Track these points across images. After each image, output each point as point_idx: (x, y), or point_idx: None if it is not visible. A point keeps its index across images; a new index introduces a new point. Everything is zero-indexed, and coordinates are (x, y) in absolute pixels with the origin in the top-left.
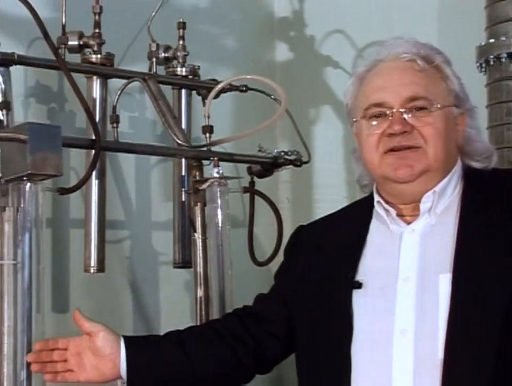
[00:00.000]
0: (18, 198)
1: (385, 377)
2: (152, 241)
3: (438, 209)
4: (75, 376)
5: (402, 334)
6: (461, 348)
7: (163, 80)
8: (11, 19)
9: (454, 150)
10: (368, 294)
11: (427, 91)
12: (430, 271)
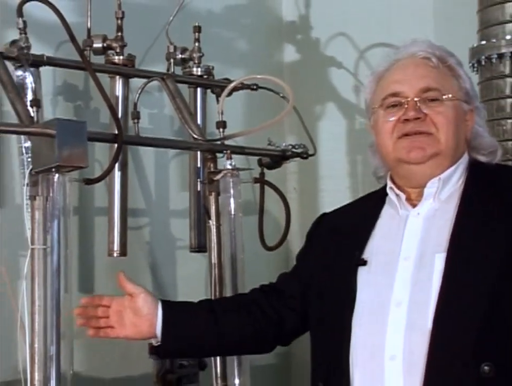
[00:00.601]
0: (47, 188)
1: (379, 344)
2: (170, 227)
3: (442, 195)
4: (115, 332)
5: (397, 306)
6: (448, 318)
7: (180, 79)
8: (41, 24)
9: (462, 142)
10: (371, 270)
11: (439, 84)
12: (428, 251)
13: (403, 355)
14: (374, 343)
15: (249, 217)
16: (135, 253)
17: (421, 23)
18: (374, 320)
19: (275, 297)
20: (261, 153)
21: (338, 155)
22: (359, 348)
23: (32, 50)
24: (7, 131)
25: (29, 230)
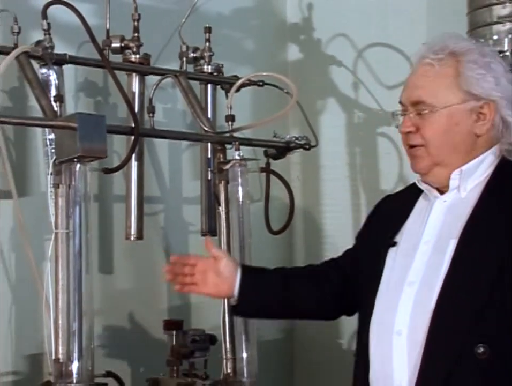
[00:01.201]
0: (69, 176)
1: (390, 320)
2: (183, 213)
3: (467, 186)
4: (198, 289)
5: (409, 286)
6: (449, 300)
7: (191, 76)
8: (64, 25)
9: (472, 142)
10: (398, 251)
11: (429, 95)
12: (445, 236)
13: (408, 331)
14: (386, 319)
15: (255, 204)
16: (151, 237)
17: (415, 24)
18: (390, 298)
19: (339, 271)
20: (267, 144)
21: (338, 147)
22: (375, 323)
23: (56, 50)
24: (32, 124)
25: (53, 216)
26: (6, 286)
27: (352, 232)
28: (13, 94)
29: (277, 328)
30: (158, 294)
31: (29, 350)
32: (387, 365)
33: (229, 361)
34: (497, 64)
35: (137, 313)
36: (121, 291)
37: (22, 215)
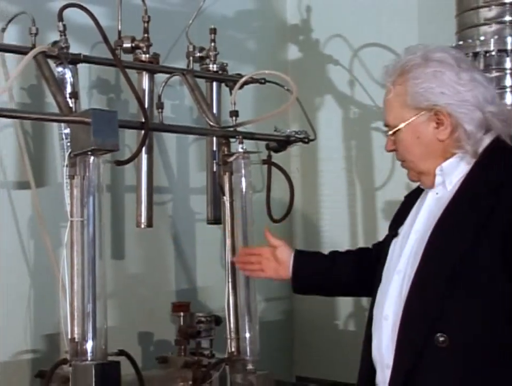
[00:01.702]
0: (84, 168)
1: (382, 305)
2: (190, 203)
3: (452, 180)
4: (263, 274)
5: (397, 274)
6: (416, 290)
7: (198, 74)
8: (78, 27)
9: (439, 147)
10: (397, 241)
11: (391, 119)
12: (429, 226)
13: (392, 316)
14: (380, 305)
15: (258, 194)
16: (160, 225)
17: (407, 26)
18: (384, 286)
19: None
20: (268, 138)
21: (335, 140)
22: (374, 308)
23: (71, 50)
24: (49, 119)
25: (69, 205)
26: (25, 271)
27: (348, 220)
28: (31, 91)
29: (277, 310)
30: (167, 278)
31: (47, 330)
32: (380, 347)
33: (233, 341)
34: (444, 70)
35: (147, 296)
36: (132, 276)
37: (40, 204)
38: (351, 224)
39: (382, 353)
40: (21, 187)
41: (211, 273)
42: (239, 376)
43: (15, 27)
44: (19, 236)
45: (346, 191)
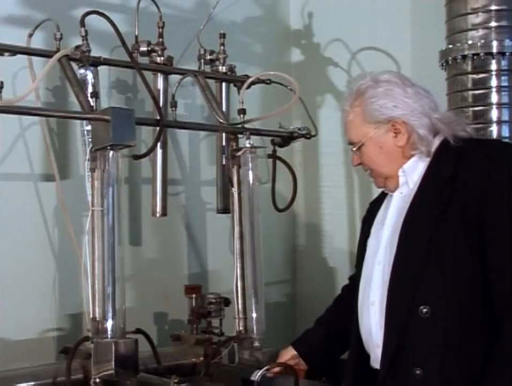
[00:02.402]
0: (104, 162)
1: (367, 293)
2: (201, 194)
3: (413, 179)
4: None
5: (378, 264)
6: (396, 274)
7: (208, 75)
8: (99, 32)
9: (398, 152)
10: (371, 237)
11: (354, 136)
12: (400, 220)
13: (379, 302)
14: (365, 294)
15: (263, 186)
16: (173, 214)
17: (401, 31)
18: (366, 276)
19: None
20: (273, 134)
21: (335, 136)
22: (359, 296)
23: (92, 53)
24: (72, 117)
25: (90, 196)
26: (50, 256)
27: (347, 210)
28: (55, 92)
29: (281, 293)
30: (180, 262)
31: (70, 310)
32: (368, 329)
33: (241, 320)
34: (393, 88)
35: (162, 279)
36: (148, 261)
37: (63, 195)
38: (349, 213)
39: (371, 334)
40: (46, 180)
41: (220, 258)
42: (246, 352)
43: (41, 33)
44: (45, 225)
45: (345, 182)
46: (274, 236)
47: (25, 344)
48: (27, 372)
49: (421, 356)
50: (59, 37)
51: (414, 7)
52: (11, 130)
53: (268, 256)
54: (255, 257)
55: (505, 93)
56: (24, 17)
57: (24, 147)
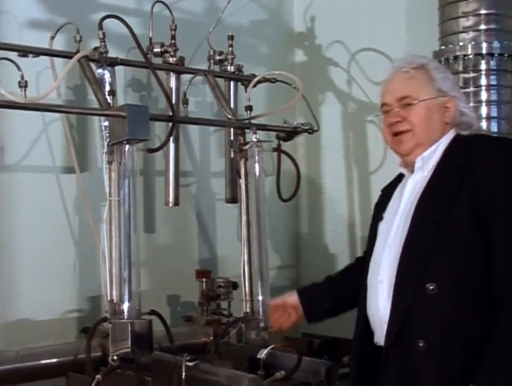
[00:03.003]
0: (120, 155)
1: (377, 272)
2: (211, 185)
3: (427, 167)
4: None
5: (388, 247)
6: (406, 255)
7: (218, 75)
8: (116, 35)
9: (438, 128)
10: (383, 222)
11: (412, 92)
12: (411, 206)
13: (387, 280)
14: (374, 272)
15: (269, 177)
16: (185, 204)
17: (397, 33)
18: (376, 258)
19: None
20: (278, 129)
21: (335, 131)
22: (368, 275)
23: (109, 54)
24: (91, 113)
25: (107, 187)
26: (71, 243)
27: (346, 200)
28: (75, 90)
29: (285, 277)
30: (191, 248)
31: (90, 293)
32: (375, 305)
33: (248, 303)
34: (449, 73)
35: (174, 264)
36: (162, 247)
37: (83, 186)
38: (348, 203)
39: (379, 311)
40: (67, 172)
41: (229, 244)
42: (253, 332)
43: (62, 36)
44: (66, 214)
45: (345, 174)
46: (279, 224)
47: (48, 324)
48: (50, 349)
49: (425, 330)
50: (79, 39)
51: (410, 11)
52: (35, 126)
53: (273, 243)
54: (261, 243)
55: (494, 91)
56: (47, 22)
57: (47, 141)
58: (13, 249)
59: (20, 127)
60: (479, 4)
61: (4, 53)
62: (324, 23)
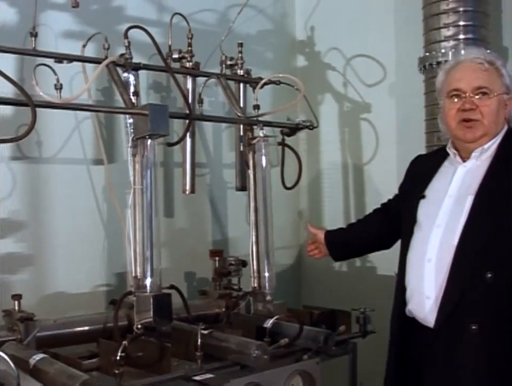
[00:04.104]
0: (143, 148)
1: (423, 251)
2: (223, 175)
3: (483, 156)
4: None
5: (437, 227)
6: (467, 239)
7: (229, 77)
8: (139, 43)
9: (501, 122)
10: (428, 202)
11: (488, 84)
12: (464, 193)
13: (436, 259)
14: (420, 251)
15: (274, 168)
16: (200, 192)
17: (387, 42)
18: (422, 236)
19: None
20: (282, 125)
21: (333, 127)
22: (412, 253)
23: (134, 60)
24: (117, 112)
25: (132, 176)
26: (100, 226)
27: (342, 187)
28: (104, 91)
29: (289, 256)
30: (205, 231)
31: (117, 269)
32: (419, 283)
33: (255, 278)
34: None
35: (190, 245)
36: (180, 230)
37: (110, 176)
38: (344, 190)
39: (423, 287)
40: (96, 164)
41: (239, 227)
42: (260, 304)
43: (92, 44)
44: (96, 200)
45: (341, 165)
46: (283, 209)
47: (81, 297)
48: (83, 319)
49: (478, 314)
50: (107, 47)
51: (398, 22)
52: (68, 123)
53: (278, 226)
54: (267, 226)
55: None
56: (79, 32)
57: (79, 137)
58: (50, 231)
59: (56, 124)
60: (458, 17)
61: (42, 60)
62: (322, 33)
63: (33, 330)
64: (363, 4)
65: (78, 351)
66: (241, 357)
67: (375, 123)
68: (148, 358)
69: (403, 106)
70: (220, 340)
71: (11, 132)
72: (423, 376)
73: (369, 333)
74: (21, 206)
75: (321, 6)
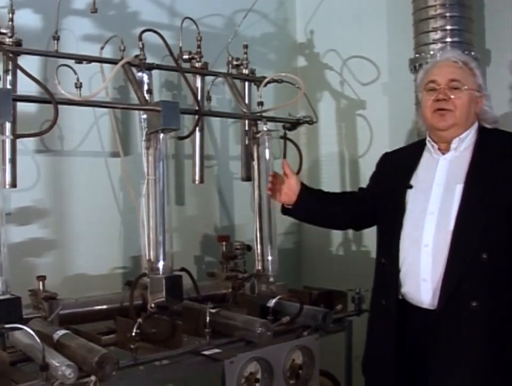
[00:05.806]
0: (156, 142)
1: (418, 236)
2: (229, 166)
3: (461, 148)
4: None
5: (430, 214)
6: (462, 223)
7: (235, 76)
8: (152, 45)
9: (472, 116)
10: (415, 191)
11: (460, 78)
12: (452, 182)
13: (433, 244)
14: (415, 236)
15: (277, 160)
16: (209, 182)
17: (380, 44)
18: (416, 222)
19: (357, 200)
20: (284, 120)
21: (331, 123)
22: (405, 239)
23: (147, 60)
24: (133, 108)
25: (146, 168)
26: (117, 213)
27: (339, 176)
28: (120, 89)
29: (290, 241)
30: (213, 218)
31: (132, 253)
32: (416, 266)
33: (259, 262)
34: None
35: (200, 231)
36: (190, 217)
37: (126, 167)
38: (341, 179)
39: (419, 270)
40: (113, 156)
41: (244, 214)
42: (263, 285)
43: (109, 46)
44: (113, 190)
45: (338, 157)
46: None
47: (99, 278)
48: (101, 298)
49: (477, 292)
50: (123, 49)
51: (390, 26)
52: (88, 119)
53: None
54: (270, 213)
55: None
56: (97, 36)
57: (97, 131)
58: (71, 218)
59: (76, 120)
60: (445, 21)
61: (64, 61)
62: (321, 36)
63: (56, 308)
64: (359, 10)
65: (97, 327)
66: (246, 333)
67: (369, 119)
68: (161, 335)
69: (394, 104)
70: (227, 318)
71: (36, 128)
72: (427, 356)
73: (363, 311)
74: (44, 195)
75: (320, 12)
